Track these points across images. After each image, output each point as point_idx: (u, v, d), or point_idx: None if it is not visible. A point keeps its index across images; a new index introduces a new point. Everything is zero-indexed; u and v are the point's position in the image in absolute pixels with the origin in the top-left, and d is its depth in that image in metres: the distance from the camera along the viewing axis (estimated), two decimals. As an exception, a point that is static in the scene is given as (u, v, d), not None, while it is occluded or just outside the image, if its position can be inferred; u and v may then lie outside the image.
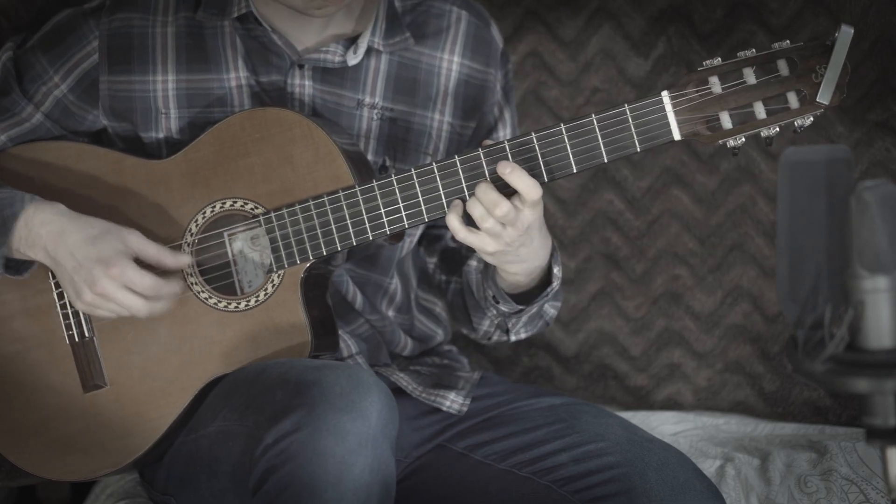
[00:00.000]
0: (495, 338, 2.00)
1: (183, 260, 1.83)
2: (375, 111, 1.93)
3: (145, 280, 1.78)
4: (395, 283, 2.03)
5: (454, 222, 1.73)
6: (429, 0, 1.97)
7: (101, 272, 1.77)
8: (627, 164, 2.42)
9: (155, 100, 1.91)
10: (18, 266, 1.87)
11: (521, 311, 1.90)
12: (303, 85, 1.91)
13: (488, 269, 1.89)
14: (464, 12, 1.98)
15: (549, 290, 1.87)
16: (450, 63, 1.96)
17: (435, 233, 2.05)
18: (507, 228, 1.72)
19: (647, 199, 2.42)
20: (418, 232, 2.02)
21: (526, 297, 1.89)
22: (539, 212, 1.74)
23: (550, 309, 1.97)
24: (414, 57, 1.95)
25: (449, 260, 2.04)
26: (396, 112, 1.94)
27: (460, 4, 1.98)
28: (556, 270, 1.87)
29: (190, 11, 1.91)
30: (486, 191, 1.71)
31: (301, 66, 1.90)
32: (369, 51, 1.92)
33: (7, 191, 1.85)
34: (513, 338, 1.98)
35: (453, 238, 2.00)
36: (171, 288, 1.81)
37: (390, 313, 2.02)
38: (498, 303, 1.89)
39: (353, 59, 1.91)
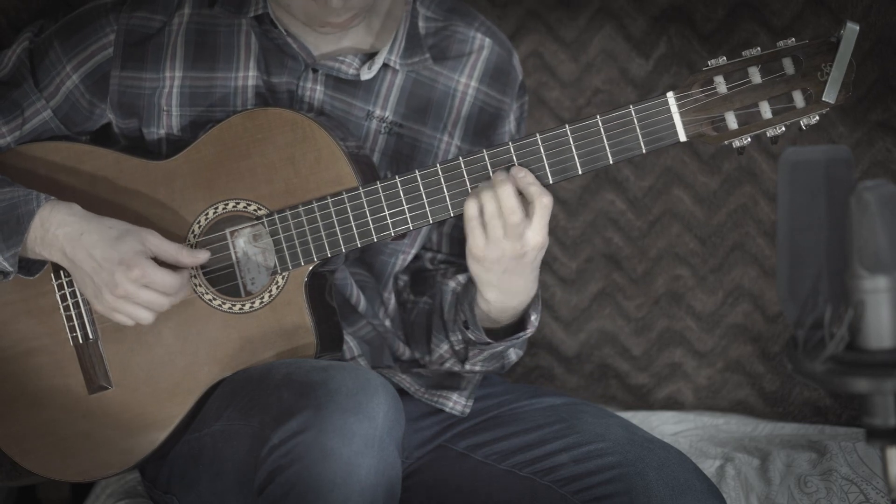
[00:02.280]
0: (448, 365, 1.94)
1: (201, 256, 1.82)
2: (384, 124, 1.92)
3: (167, 279, 1.78)
4: (390, 294, 2.02)
5: (472, 209, 1.71)
6: (454, 25, 1.96)
7: (123, 274, 1.77)
8: (629, 164, 2.42)
9: (160, 97, 1.91)
10: (30, 266, 1.87)
11: (487, 344, 1.85)
12: (314, 89, 1.90)
13: (466, 293, 1.85)
14: (488, 40, 1.96)
15: (521, 334, 1.84)
16: (466, 87, 1.94)
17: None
18: (507, 239, 1.71)
19: (648, 199, 2.42)
20: (413, 250, 1.99)
21: (492, 334, 1.85)
22: (538, 243, 1.72)
23: (513, 354, 1.92)
24: (431, 76, 1.93)
25: (421, 281, 2.01)
26: (405, 128, 1.93)
27: (485, 32, 1.97)
28: (534, 318, 1.83)
29: (205, 7, 1.91)
30: (508, 195, 1.70)
31: (315, 71, 1.90)
32: (385, 66, 1.91)
33: (20, 189, 1.84)
34: (467, 367, 1.92)
35: (431, 260, 1.99)
36: (189, 283, 1.82)
37: (387, 322, 2.01)
38: (468, 329, 1.85)
39: (366, 75, 1.89)
